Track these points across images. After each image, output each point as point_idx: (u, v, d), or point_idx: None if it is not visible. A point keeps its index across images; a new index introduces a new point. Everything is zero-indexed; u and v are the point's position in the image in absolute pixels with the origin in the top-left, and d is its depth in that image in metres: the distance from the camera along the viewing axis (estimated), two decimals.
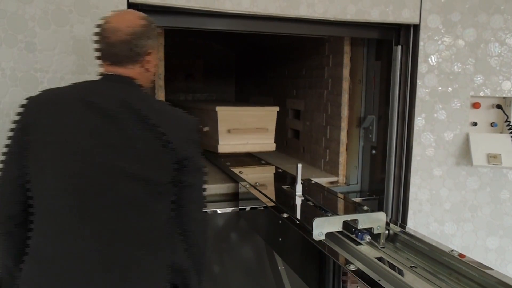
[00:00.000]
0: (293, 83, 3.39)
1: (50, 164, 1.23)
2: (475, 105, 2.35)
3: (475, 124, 2.37)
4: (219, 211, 2.35)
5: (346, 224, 1.70)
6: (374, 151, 2.61)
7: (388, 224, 1.76)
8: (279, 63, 3.63)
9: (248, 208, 2.29)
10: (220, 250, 2.64)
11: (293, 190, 2.18)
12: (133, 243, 1.24)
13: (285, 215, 1.85)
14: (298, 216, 1.87)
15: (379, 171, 2.57)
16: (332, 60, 2.79)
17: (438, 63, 2.27)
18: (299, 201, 2.09)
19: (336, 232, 1.68)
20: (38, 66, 1.73)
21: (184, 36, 4.14)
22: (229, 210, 2.35)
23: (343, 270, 1.43)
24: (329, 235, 1.67)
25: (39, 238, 1.23)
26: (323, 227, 1.63)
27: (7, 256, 1.31)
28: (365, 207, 1.95)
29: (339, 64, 2.68)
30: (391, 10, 2.17)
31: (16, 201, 1.27)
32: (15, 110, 1.34)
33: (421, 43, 2.24)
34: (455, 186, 2.38)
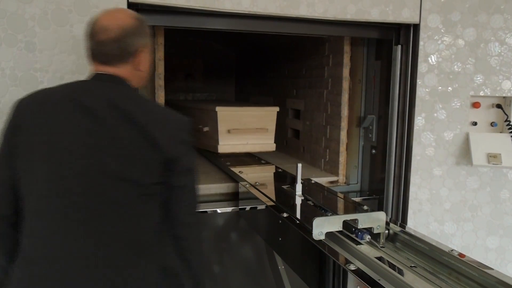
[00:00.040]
0: (293, 83, 3.39)
1: (38, 165, 1.22)
2: (475, 104, 2.35)
3: (475, 123, 2.37)
4: (219, 210, 2.35)
5: (346, 223, 1.70)
6: (374, 151, 2.61)
7: (388, 224, 1.75)
8: (279, 63, 3.63)
9: (248, 207, 2.29)
10: (220, 250, 2.64)
11: (293, 189, 2.18)
12: (120, 245, 1.21)
13: (285, 215, 1.85)
14: (298, 215, 1.87)
15: (379, 171, 2.56)
16: (332, 59, 2.79)
17: (438, 63, 2.27)
18: (299, 200, 2.09)
19: (336, 231, 1.68)
20: (38, 66, 1.73)
21: (184, 36, 4.13)
22: (229, 209, 2.35)
23: (343, 270, 1.42)
24: (329, 235, 1.67)
25: (29, 239, 1.22)
26: (323, 227, 1.62)
27: (1, 256, 1.30)
28: (365, 207, 1.95)
29: (339, 64, 2.68)
30: (391, 9, 2.17)
31: (8, 202, 1.27)
32: None
33: (421, 43, 2.24)
34: (455, 186, 2.38)
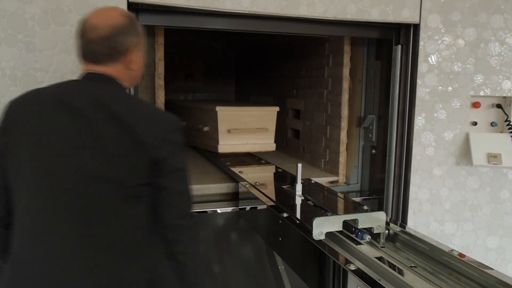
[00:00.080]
0: (293, 83, 3.39)
1: (26, 165, 1.22)
2: (475, 104, 2.35)
3: (475, 123, 2.37)
4: (219, 210, 2.35)
5: (346, 223, 1.70)
6: (374, 151, 2.61)
7: (388, 224, 1.75)
8: (279, 63, 3.63)
9: (248, 207, 2.29)
10: (220, 250, 2.64)
11: (293, 189, 2.18)
12: (106, 247, 1.20)
13: (285, 215, 1.85)
14: (298, 215, 1.87)
15: (379, 171, 2.56)
16: (332, 59, 2.79)
17: (438, 63, 2.27)
18: (299, 200, 2.08)
19: (336, 231, 1.68)
20: (38, 65, 1.72)
21: (184, 36, 4.14)
22: (229, 209, 2.35)
23: (343, 270, 1.42)
24: (329, 235, 1.67)
25: (18, 240, 1.22)
26: (323, 227, 1.62)
27: None
28: (365, 207, 1.95)
29: (339, 64, 2.68)
30: (391, 9, 2.17)
31: (0, 203, 1.26)
32: None
33: (421, 43, 2.24)
34: (455, 186, 2.38)
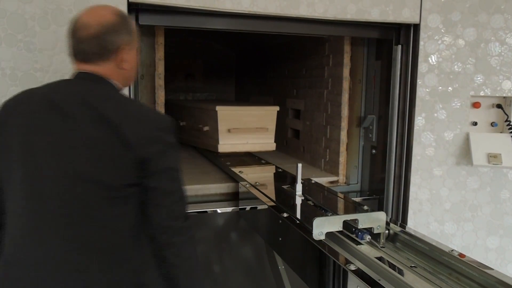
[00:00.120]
0: (293, 83, 3.39)
1: (15, 166, 1.21)
2: (475, 104, 2.35)
3: (475, 123, 2.37)
4: (219, 210, 2.35)
5: (346, 223, 1.70)
6: (374, 151, 2.61)
7: (388, 224, 1.75)
8: (279, 63, 3.63)
9: (248, 207, 2.29)
10: (220, 250, 2.64)
11: (293, 189, 2.18)
12: (92, 250, 1.18)
13: (285, 215, 1.85)
14: (298, 215, 1.87)
15: (379, 171, 2.56)
16: (332, 59, 2.79)
17: (438, 63, 2.27)
18: (299, 200, 2.08)
19: (336, 231, 1.68)
20: (38, 65, 1.72)
21: (184, 36, 4.14)
22: (229, 209, 2.35)
23: (343, 270, 1.42)
24: (329, 235, 1.67)
25: (9, 241, 1.22)
26: (323, 227, 1.62)
27: None
28: (365, 207, 1.95)
29: (339, 64, 2.68)
30: (391, 9, 2.17)
31: None
32: None
33: (421, 43, 2.24)
34: (455, 186, 2.38)
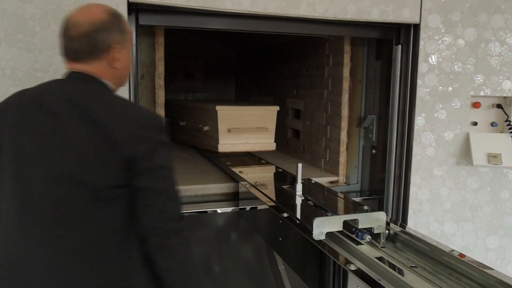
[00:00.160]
0: (293, 83, 3.39)
1: (6, 166, 1.21)
2: (476, 104, 2.35)
3: (475, 123, 2.37)
4: (219, 210, 2.35)
5: (346, 223, 1.70)
6: (374, 151, 2.61)
7: (388, 224, 1.75)
8: (279, 63, 3.63)
9: (248, 207, 2.29)
10: (220, 250, 2.64)
11: (293, 189, 2.18)
12: (77, 253, 1.16)
13: (285, 215, 1.85)
14: (298, 215, 1.87)
15: (379, 171, 2.56)
16: (332, 59, 2.79)
17: (438, 63, 2.27)
18: (299, 200, 2.08)
19: (336, 231, 1.68)
20: (38, 65, 1.72)
21: (184, 36, 4.14)
22: (229, 209, 2.35)
23: (343, 270, 1.42)
24: (329, 235, 1.66)
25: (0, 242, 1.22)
26: (323, 227, 1.62)
27: None
28: (365, 207, 1.95)
29: (339, 64, 2.68)
30: (391, 9, 2.16)
31: None
32: None
33: (421, 43, 2.24)
34: (455, 186, 2.38)
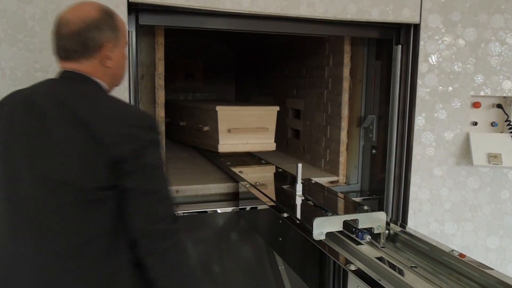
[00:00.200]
0: (293, 83, 3.39)
1: None
2: (476, 104, 2.35)
3: (475, 123, 2.37)
4: (219, 210, 2.35)
5: (346, 224, 1.70)
6: (374, 151, 2.61)
7: (388, 224, 1.75)
8: (279, 63, 3.63)
9: (248, 207, 2.29)
10: (220, 250, 2.64)
11: (293, 189, 2.18)
12: (62, 256, 1.14)
13: (285, 215, 1.85)
14: (298, 215, 1.87)
15: (379, 171, 2.56)
16: (332, 59, 2.79)
17: (438, 63, 2.27)
18: (299, 200, 2.08)
19: (336, 232, 1.68)
20: (38, 65, 1.72)
21: (184, 36, 4.14)
22: (229, 209, 2.35)
23: (343, 270, 1.42)
24: (329, 235, 1.66)
25: None
26: (324, 227, 1.62)
27: None
28: (365, 207, 1.95)
29: (340, 64, 2.68)
30: (392, 9, 2.16)
31: None
32: None
33: (421, 43, 2.24)
34: (455, 186, 2.38)
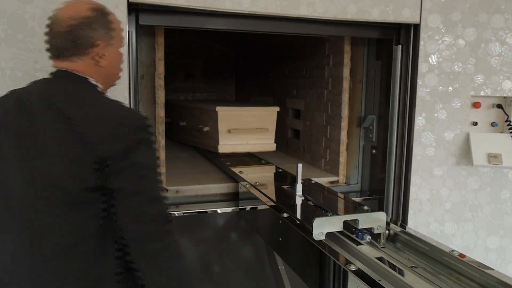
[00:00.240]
0: (293, 83, 3.39)
1: None
2: (476, 104, 2.35)
3: (475, 123, 2.37)
4: (219, 210, 2.35)
5: (346, 224, 1.70)
6: (374, 151, 2.61)
7: (388, 224, 1.75)
8: (279, 63, 3.63)
9: (248, 208, 2.29)
10: (220, 250, 2.64)
11: (293, 189, 2.18)
12: (47, 259, 1.13)
13: (285, 215, 1.85)
14: (299, 216, 1.87)
15: (379, 171, 2.56)
16: (333, 59, 2.79)
17: (438, 63, 2.27)
18: (299, 201, 2.08)
19: (337, 232, 1.68)
20: (38, 66, 1.72)
21: (184, 36, 4.14)
22: (229, 210, 2.35)
23: (344, 270, 1.42)
24: (329, 235, 1.66)
25: None
26: (324, 227, 1.62)
27: None
28: (365, 207, 1.95)
29: (340, 64, 2.68)
30: (392, 9, 2.16)
31: None
32: None
33: (421, 43, 2.24)
34: (455, 186, 2.37)
